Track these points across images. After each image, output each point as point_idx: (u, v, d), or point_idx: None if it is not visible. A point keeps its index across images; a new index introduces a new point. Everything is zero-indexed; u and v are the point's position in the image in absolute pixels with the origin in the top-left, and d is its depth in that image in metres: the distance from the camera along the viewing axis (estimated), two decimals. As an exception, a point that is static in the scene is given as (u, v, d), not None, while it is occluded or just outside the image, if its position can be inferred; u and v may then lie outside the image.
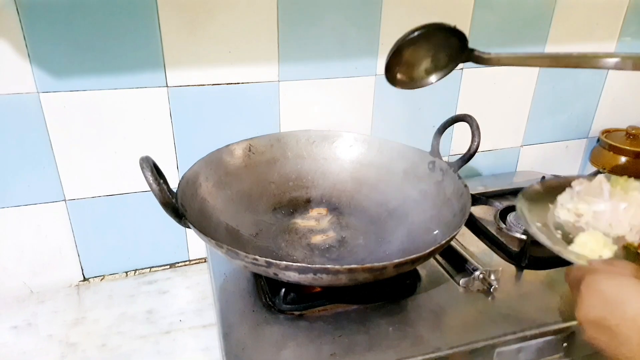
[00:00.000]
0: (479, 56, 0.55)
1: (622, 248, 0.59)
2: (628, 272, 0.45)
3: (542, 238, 0.60)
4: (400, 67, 0.56)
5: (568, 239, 0.62)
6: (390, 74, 0.57)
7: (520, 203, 0.68)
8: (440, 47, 0.55)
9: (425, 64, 0.57)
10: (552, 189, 0.72)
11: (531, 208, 0.67)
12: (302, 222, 0.75)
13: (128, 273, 0.84)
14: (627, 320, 0.40)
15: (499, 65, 0.55)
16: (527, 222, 0.64)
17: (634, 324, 0.40)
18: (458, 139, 0.95)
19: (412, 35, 0.54)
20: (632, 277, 0.44)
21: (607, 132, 1.05)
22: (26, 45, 0.64)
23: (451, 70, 0.57)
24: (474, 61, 0.55)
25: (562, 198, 0.69)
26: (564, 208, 0.64)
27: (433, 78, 0.58)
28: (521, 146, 1.04)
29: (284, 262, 0.50)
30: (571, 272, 0.50)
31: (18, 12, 0.62)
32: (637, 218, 0.61)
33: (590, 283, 0.45)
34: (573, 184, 0.69)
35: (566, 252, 0.58)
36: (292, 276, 0.51)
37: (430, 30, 0.54)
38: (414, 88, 0.58)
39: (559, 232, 0.65)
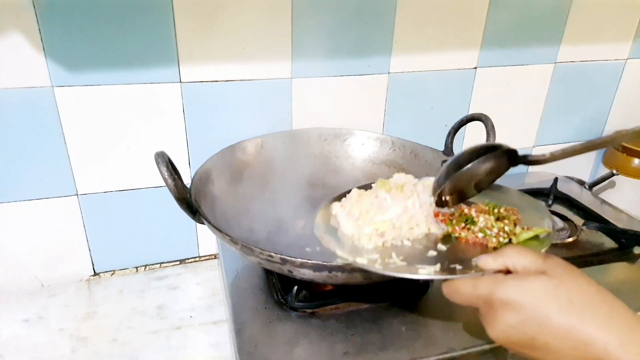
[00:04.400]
0: (534, 160, 0.52)
1: (442, 238, 0.53)
2: (535, 269, 0.40)
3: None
4: (450, 193, 0.55)
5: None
6: (439, 199, 0.55)
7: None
8: (491, 169, 0.53)
9: (475, 184, 0.55)
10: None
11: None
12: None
13: (138, 268, 0.84)
14: (557, 335, 0.36)
15: (553, 161, 0.50)
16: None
17: (567, 337, 0.36)
18: (470, 139, 0.94)
19: (461, 171, 0.51)
20: (541, 276, 0.39)
21: (620, 133, 1.04)
22: (41, 39, 0.65)
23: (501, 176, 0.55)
24: (528, 164, 0.53)
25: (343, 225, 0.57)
26: (365, 235, 0.53)
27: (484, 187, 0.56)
28: (533, 146, 1.03)
29: (299, 259, 0.49)
30: (469, 286, 0.42)
31: (34, 6, 0.62)
32: (425, 209, 0.56)
33: (505, 298, 0.38)
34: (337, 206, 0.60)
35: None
36: (307, 273, 0.51)
37: (480, 154, 0.52)
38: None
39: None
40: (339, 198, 0.60)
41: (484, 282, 0.41)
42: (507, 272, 0.42)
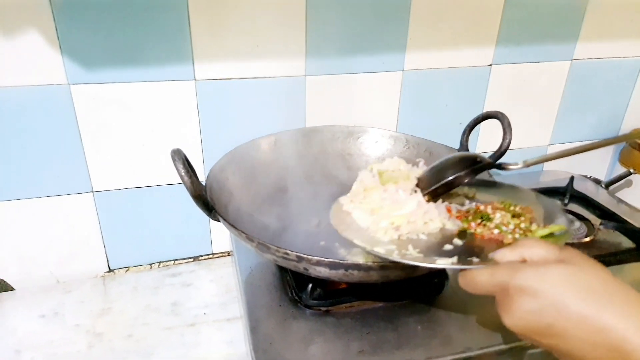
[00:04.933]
0: (508, 167, 0.60)
1: (457, 234, 0.54)
2: (553, 258, 0.40)
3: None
4: (429, 194, 0.60)
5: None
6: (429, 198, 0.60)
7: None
8: (471, 176, 0.59)
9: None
10: None
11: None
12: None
13: (152, 265, 0.85)
14: (574, 321, 0.36)
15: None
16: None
17: (585, 324, 0.36)
18: (485, 136, 0.93)
19: (443, 182, 0.59)
20: (559, 264, 0.39)
21: (637, 131, 1.03)
22: (58, 37, 0.65)
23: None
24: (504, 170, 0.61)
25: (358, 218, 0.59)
26: (381, 229, 0.55)
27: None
28: (549, 145, 1.02)
29: (315, 257, 0.49)
30: (486, 274, 0.42)
31: (50, 4, 0.63)
32: (438, 204, 0.59)
33: (523, 285, 0.38)
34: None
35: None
36: (323, 271, 0.51)
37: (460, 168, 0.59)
38: None
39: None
40: None
41: (502, 270, 0.41)
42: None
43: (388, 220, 0.55)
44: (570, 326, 0.37)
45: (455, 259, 0.47)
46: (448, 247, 0.51)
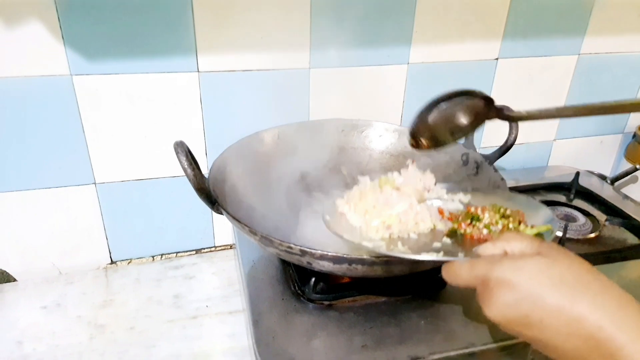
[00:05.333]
0: (509, 115, 0.53)
1: (447, 234, 0.54)
2: (531, 252, 0.41)
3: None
4: (424, 133, 0.54)
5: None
6: (414, 140, 0.55)
7: None
8: (466, 110, 0.53)
9: (451, 126, 0.54)
10: None
11: None
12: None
13: (155, 257, 0.85)
14: (550, 312, 0.37)
15: (529, 120, 0.53)
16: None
17: (560, 314, 0.36)
18: (491, 130, 0.92)
19: (434, 106, 0.52)
20: (535, 257, 0.39)
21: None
22: (60, 28, 0.64)
23: (477, 129, 0.55)
24: (503, 119, 0.54)
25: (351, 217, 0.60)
26: (372, 227, 0.56)
27: (459, 138, 0.56)
28: (554, 140, 1.01)
29: (319, 251, 0.49)
30: (466, 267, 0.43)
31: (54, -6, 0.62)
32: (431, 209, 0.58)
33: (500, 278, 0.39)
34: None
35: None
36: (326, 266, 0.51)
37: (454, 97, 0.52)
38: (438, 149, 0.56)
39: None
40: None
41: (481, 263, 0.42)
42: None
43: (380, 219, 0.56)
44: (546, 317, 0.37)
45: (441, 254, 0.48)
46: (437, 245, 0.52)
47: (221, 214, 0.57)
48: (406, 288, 0.62)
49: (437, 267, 0.60)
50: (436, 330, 0.57)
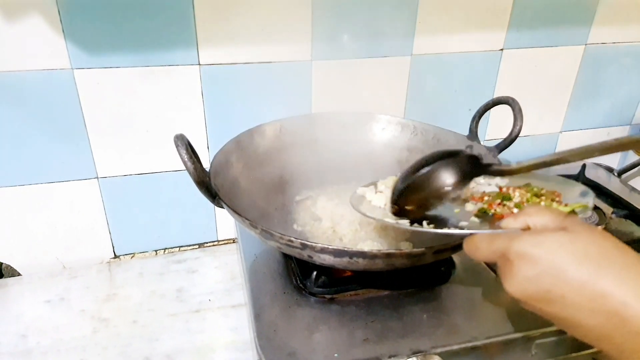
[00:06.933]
0: (500, 170, 0.50)
1: (476, 214, 0.51)
2: (554, 226, 0.40)
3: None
4: (406, 201, 0.53)
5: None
6: (398, 207, 0.53)
7: None
8: (450, 173, 0.51)
9: (435, 191, 0.52)
10: None
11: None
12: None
13: (158, 252, 0.85)
14: (572, 287, 0.36)
15: (520, 173, 0.49)
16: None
17: (583, 289, 0.35)
18: (495, 123, 0.91)
19: (418, 174, 0.52)
20: (558, 231, 0.38)
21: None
22: (61, 21, 0.64)
23: (465, 187, 0.52)
24: (493, 175, 0.51)
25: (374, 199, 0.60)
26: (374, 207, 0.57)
27: (446, 202, 0.53)
28: (560, 132, 1.00)
29: (320, 245, 0.48)
30: (487, 241, 0.42)
31: (53, -13, 0.62)
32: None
33: (521, 252, 0.38)
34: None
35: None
36: (327, 259, 0.50)
37: (438, 159, 0.51)
38: (427, 212, 0.53)
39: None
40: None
41: (502, 237, 0.41)
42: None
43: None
44: (568, 292, 0.36)
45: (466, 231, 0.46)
46: (463, 223, 0.49)
47: (222, 207, 0.57)
48: (409, 281, 0.62)
49: (439, 260, 0.60)
50: (439, 324, 0.56)
